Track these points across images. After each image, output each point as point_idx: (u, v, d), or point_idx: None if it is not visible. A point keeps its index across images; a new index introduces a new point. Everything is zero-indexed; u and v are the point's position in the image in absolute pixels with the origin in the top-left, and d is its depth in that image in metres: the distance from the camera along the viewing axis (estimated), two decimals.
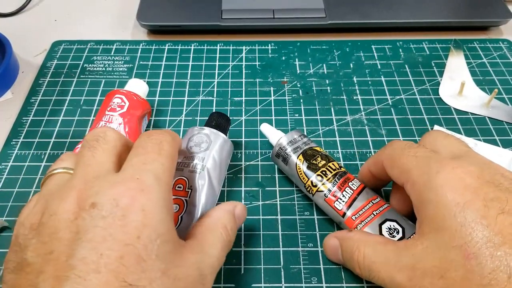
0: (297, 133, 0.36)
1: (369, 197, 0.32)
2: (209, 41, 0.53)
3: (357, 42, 0.53)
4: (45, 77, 0.48)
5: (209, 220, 0.28)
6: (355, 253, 0.29)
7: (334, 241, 0.31)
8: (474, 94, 0.46)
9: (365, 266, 0.28)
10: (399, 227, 0.30)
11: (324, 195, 0.33)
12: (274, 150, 0.35)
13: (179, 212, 0.32)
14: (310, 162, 0.34)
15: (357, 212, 0.31)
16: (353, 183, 0.33)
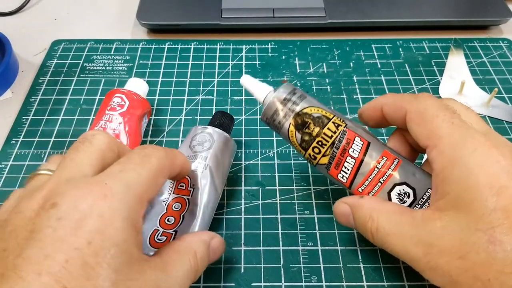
0: (284, 92, 0.30)
1: (373, 163, 0.29)
2: (209, 40, 0.53)
3: (357, 41, 0.53)
4: (45, 76, 0.48)
5: (180, 244, 0.26)
6: (368, 222, 0.27)
7: (345, 208, 0.29)
8: (474, 93, 0.46)
9: (379, 237, 0.27)
10: (409, 190, 0.28)
11: (325, 167, 0.30)
12: (262, 117, 0.31)
13: (181, 211, 0.32)
14: (303, 132, 0.30)
15: (362, 183, 0.29)
16: (353, 150, 0.29)
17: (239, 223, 0.36)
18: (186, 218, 0.32)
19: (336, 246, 0.34)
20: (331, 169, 0.30)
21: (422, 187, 0.28)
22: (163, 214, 0.32)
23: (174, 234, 0.31)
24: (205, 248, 0.27)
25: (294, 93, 0.30)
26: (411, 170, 0.29)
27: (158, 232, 0.31)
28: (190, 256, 0.25)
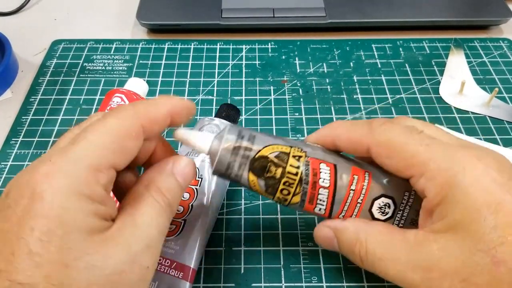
0: (232, 136, 0.26)
1: (347, 184, 0.27)
2: (209, 40, 0.53)
3: (357, 41, 0.53)
4: (44, 76, 0.48)
5: (139, 186, 0.24)
6: (355, 246, 0.26)
7: (327, 232, 0.27)
8: (475, 93, 0.46)
9: (369, 262, 0.25)
10: (388, 200, 0.27)
11: (299, 205, 0.27)
12: (215, 172, 0.27)
13: (189, 201, 0.33)
14: (265, 177, 0.26)
15: (342, 210, 0.27)
16: (323, 179, 0.26)
17: (239, 223, 0.36)
18: (194, 208, 0.33)
19: None
20: (306, 205, 0.27)
21: (399, 193, 0.27)
22: None
23: (183, 223, 0.32)
24: (168, 178, 0.24)
25: (242, 136, 0.26)
26: (383, 179, 0.27)
27: None
28: (154, 194, 0.23)
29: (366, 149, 0.26)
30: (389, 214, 0.27)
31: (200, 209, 0.33)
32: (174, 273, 0.30)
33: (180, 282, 0.30)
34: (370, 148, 0.26)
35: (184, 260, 0.31)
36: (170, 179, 0.24)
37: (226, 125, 0.27)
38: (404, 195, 0.27)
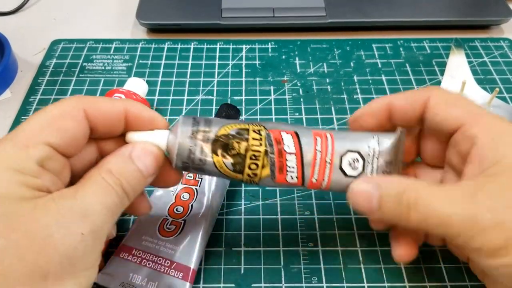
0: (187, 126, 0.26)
1: (311, 146, 0.27)
2: (209, 40, 0.52)
3: (358, 41, 0.52)
4: (44, 76, 0.48)
5: (93, 169, 0.24)
6: (403, 195, 0.24)
7: (368, 186, 0.26)
8: (475, 93, 0.46)
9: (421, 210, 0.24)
10: (355, 155, 0.27)
11: (270, 178, 0.27)
12: (177, 163, 0.26)
13: (189, 201, 0.33)
14: (231, 155, 0.26)
15: (313, 172, 0.27)
16: (287, 145, 0.27)
17: (239, 223, 0.35)
18: (194, 208, 0.33)
19: (337, 247, 0.34)
20: (277, 176, 0.27)
21: (363, 145, 0.27)
22: (172, 204, 0.34)
23: (183, 223, 0.32)
24: (123, 161, 0.24)
25: (197, 121, 0.26)
26: (344, 135, 0.28)
27: (167, 221, 0.33)
28: (104, 175, 0.23)
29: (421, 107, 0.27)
30: (360, 168, 0.27)
31: (200, 209, 0.33)
32: (174, 273, 0.30)
33: (180, 282, 0.30)
34: (431, 100, 0.27)
35: (184, 261, 0.31)
36: (125, 163, 0.24)
37: (179, 118, 0.27)
38: (368, 146, 0.27)
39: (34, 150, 0.22)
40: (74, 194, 0.22)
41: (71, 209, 0.21)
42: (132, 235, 0.32)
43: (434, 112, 0.27)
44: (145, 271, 0.30)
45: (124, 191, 0.24)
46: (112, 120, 0.25)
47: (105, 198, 0.23)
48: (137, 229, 0.33)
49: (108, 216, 0.23)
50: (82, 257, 0.21)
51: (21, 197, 0.21)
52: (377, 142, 0.28)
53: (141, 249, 0.31)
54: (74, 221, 0.21)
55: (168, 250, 0.31)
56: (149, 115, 0.26)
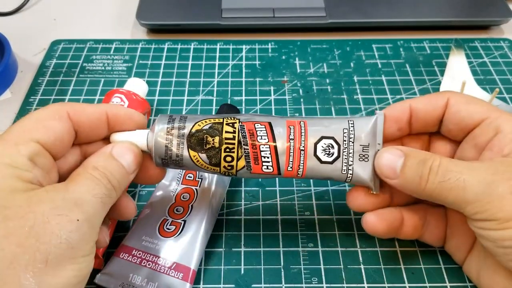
0: (162, 123, 0.28)
1: (284, 135, 0.28)
2: (209, 40, 0.52)
3: (358, 41, 0.52)
4: (44, 77, 0.48)
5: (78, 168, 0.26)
6: (428, 160, 0.26)
7: (395, 153, 0.27)
8: (475, 93, 0.46)
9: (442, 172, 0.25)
10: (329, 141, 0.28)
11: (246, 169, 0.28)
12: (157, 161, 0.28)
13: (189, 201, 0.34)
14: (206, 149, 0.27)
15: (288, 161, 0.27)
16: (261, 136, 0.27)
17: (239, 224, 0.35)
18: (194, 208, 0.33)
19: (337, 247, 0.34)
20: (253, 167, 0.28)
21: (338, 131, 0.28)
22: (172, 204, 0.34)
23: (183, 224, 0.32)
24: (105, 158, 0.26)
25: (173, 119, 0.28)
26: (318, 122, 0.28)
27: (167, 221, 0.33)
28: (90, 170, 0.25)
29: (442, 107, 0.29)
30: (335, 154, 0.28)
31: (200, 210, 0.33)
32: (174, 274, 0.30)
33: (180, 283, 0.30)
34: (451, 99, 0.29)
35: (184, 261, 0.31)
36: (108, 160, 0.26)
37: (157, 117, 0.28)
38: (343, 133, 0.28)
39: (24, 147, 0.23)
40: (66, 186, 0.23)
41: (64, 199, 0.22)
42: (132, 235, 0.32)
43: (456, 109, 0.28)
44: (145, 271, 0.30)
45: (111, 184, 0.25)
46: (94, 122, 0.27)
47: (94, 190, 0.24)
48: (137, 229, 0.33)
49: (99, 206, 0.24)
50: (79, 243, 0.22)
51: (15, 189, 0.22)
52: (353, 127, 0.28)
53: (141, 249, 0.31)
54: (68, 209, 0.22)
55: (168, 250, 0.31)
56: (125, 113, 0.28)
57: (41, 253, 0.21)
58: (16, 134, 0.24)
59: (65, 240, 0.21)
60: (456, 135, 0.29)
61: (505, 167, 0.24)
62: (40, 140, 0.24)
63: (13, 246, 0.21)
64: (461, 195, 0.24)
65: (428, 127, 0.30)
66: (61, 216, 0.22)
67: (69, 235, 0.22)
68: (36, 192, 0.22)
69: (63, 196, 0.23)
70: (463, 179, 0.24)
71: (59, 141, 0.25)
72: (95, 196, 0.24)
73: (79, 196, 0.23)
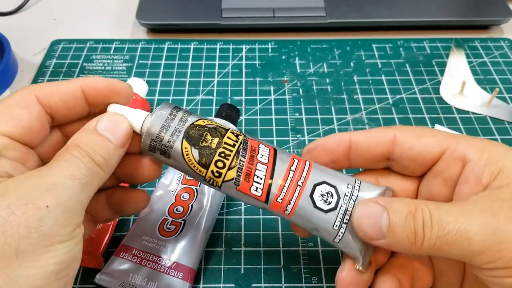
0: (166, 108, 0.26)
1: (286, 164, 0.25)
2: (209, 40, 0.52)
3: (358, 41, 0.52)
4: (44, 76, 0.48)
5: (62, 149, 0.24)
6: (416, 212, 0.22)
7: (376, 208, 0.23)
8: (475, 93, 0.46)
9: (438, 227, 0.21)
10: (330, 189, 0.25)
11: (234, 183, 0.25)
12: (145, 142, 0.25)
13: (189, 201, 0.34)
14: (201, 145, 0.25)
15: (281, 191, 0.24)
16: (261, 155, 0.25)
17: (239, 223, 0.35)
18: (194, 208, 0.33)
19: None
20: (241, 182, 0.25)
21: (342, 183, 0.25)
22: (172, 204, 0.34)
23: (183, 224, 0.32)
24: (87, 134, 0.24)
25: (179, 108, 0.26)
26: (325, 169, 0.26)
27: (167, 221, 0.33)
28: (70, 150, 0.23)
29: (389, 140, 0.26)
30: (332, 205, 0.24)
31: (200, 210, 0.33)
32: (174, 273, 0.30)
33: (180, 282, 0.30)
34: (397, 135, 0.26)
35: (184, 261, 0.31)
36: (90, 135, 0.24)
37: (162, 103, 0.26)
38: (347, 186, 0.25)
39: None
40: (38, 172, 0.22)
41: (34, 186, 0.21)
42: (132, 235, 0.32)
43: (409, 145, 0.26)
44: (145, 271, 0.30)
45: (94, 162, 0.23)
46: (69, 101, 0.25)
47: (71, 171, 0.22)
48: (137, 229, 0.33)
49: (77, 188, 0.22)
50: (52, 229, 0.21)
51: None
52: (358, 186, 0.25)
53: (141, 249, 0.31)
54: (37, 197, 0.21)
55: (168, 250, 0.31)
56: (103, 85, 0.26)
57: (9, 246, 0.20)
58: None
59: (34, 229, 0.20)
60: (414, 171, 0.27)
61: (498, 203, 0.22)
62: (6, 133, 0.23)
63: None
64: (466, 247, 0.21)
65: (374, 163, 0.27)
66: (28, 205, 0.20)
67: (38, 223, 0.20)
68: (3, 184, 0.21)
69: (34, 183, 0.21)
70: (465, 229, 0.21)
71: (28, 129, 0.24)
72: (72, 177, 0.22)
73: (51, 181, 0.21)
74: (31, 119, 0.24)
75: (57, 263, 0.21)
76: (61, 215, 0.21)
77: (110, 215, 0.29)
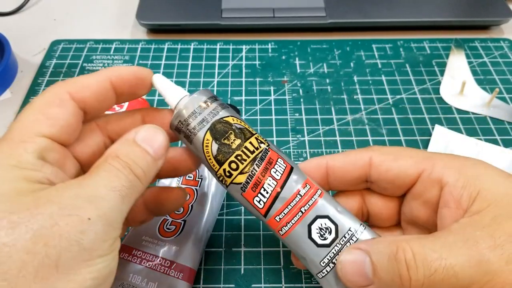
0: (204, 95, 0.26)
1: (296, 187, 0.25)
2: (209, 40, 0.52)
3: (358, 41, 0.52)
4: (44, 77, 0.48)
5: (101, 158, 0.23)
6: (398, 254, 0.21)
7: (358, 254, 0.23)
8: (475, 93, 0.46)
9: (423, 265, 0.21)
10: (331, 225, 0.24)
11: (241, 188, 0.25)
12: (173, 122, 0.26)
13: (189, 201, 0.33)
14: (221, 142, 0.25)
15: (282, 210, 0.25)
16: (276, 170, 0.25)
17: (239, 224, 0.35)
18: (194, 208, 0.33)
19: None
20: (247, 190, 0.25)
21: (344, 225, 0.25)
22: None
23: (183, 224, 0.32)
24: (127, 146, 0.24)
25: (216, 99, 0.26)
26: (334, 203, 0.25)
27: (167, 221, 0.33)
28: (110, 160, 0.23)
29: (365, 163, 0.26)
30: (327, 241, 0.24)
31: (200, 210, 0.33)
32: (174, 274, 0.30)
33: (180, 283, 0.30)
34: (374, 158, 0.26)
35: (184, 261, 0.31)
36: (130, 146, 0.24)
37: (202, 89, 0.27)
38: (347, 231, 0.24)
39: (30, 144, 0.22)
40: (80, 182, 0.22)
41: (76, 197, 0.21)
42: (132, 235, 0.32)
43: (386, 168, 0.25)
44: (145, 271, 0.30)
45: (134, 174, 0.23)
46: (100, 93, 0.25)
47: (112, 182, 0.22)
48: (137, 229, 0.33)
49: (118, 201, 0.22)
50: (93, 243, 0.20)
51: (22, 192, 0.20)
52: (361, 233, 0.25)
53: (141, 249, 0.31)
54: (79, 208, 0.20)
55: (168, 250, 0.31)
56: (129, 72, 0.26)
57: (50, 258, 0.19)
58: (20, 130, 0.22)
59: (75, 242, 0.20)
60: (394, 192, 0.27)
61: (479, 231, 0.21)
62: (46, 133, 0.22)
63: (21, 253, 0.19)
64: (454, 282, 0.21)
65: (353, 186, 0.27)
66: (71, 216, 0.20)
67: (80, 236, 0.20)
68: (46, 192, 0.21)
69: (76, 193, 0.21)
70: (450, 265, 0.20)
71: (66, 128, 0.23)
72: (113, 189, 0.21)
73: (93, 192, 0.21)
74: (67, 117, 0.23)
75: (95, 278, 0.20)
76: (102, 228, 0.21)
77: (146, 217, 0.29)
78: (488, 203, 0.22)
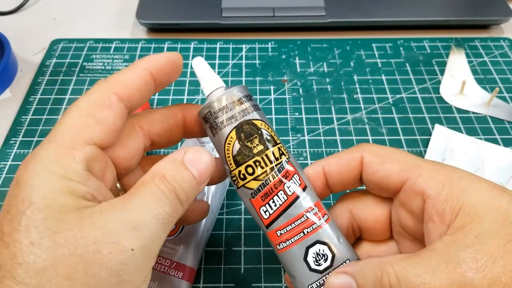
0: (240, 92, 0.26)
1: (305, 207, 0.25)
2: (209, 40, 0.52)
3: (358, 41, 0.52)
4: (44, 76, 0.48)
5: (145, 176, 0.22)
6: (383, 277, 0.21)
7: (344, 278, 0.23)
8: (475, 92, 0.46)
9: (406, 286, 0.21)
10: (328, 253, 0.24)
11: (251, 194, 0.25)
12: (202, 110, 0.26)
13: None
14: (244, 144, 0.25)
15: (285, 226, 0.25)
16: (289, 185, 0.25)
17: (239, 223, 0.35)
18: None
19: None
20: (257, 198, 0.25)
21: (341, 257, 0.25)
22: None
23: None
24: (175, 166, 0.22)
25: (250, 99, 0.26)
26: (337, 233, 0.25)
27: None
28: (157, 181, 0.21)
29: (357, 164, 0.25)
30: (321, 268, 0.24)
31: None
32: (174, 273, 0.30)
33: (180, 282, 0.30)
34: (365, 158, 0.25)
35: (184, 260, 0.31)
36: (178, 168, 0.22)
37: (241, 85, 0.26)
38: (345, 262, 0.25)
39: (79, 152, 0.21)
40: (123, 204, 0.20)
41: (120, 222, 0.20)
42: None
43: (373, 170, 0.25)
44: None
45: (178, 199, 0.22)
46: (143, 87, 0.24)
47: (157, 209, 0.21)
48: None
49: (159, 229, 0.21)
50: (131, 274, 0.20)
51: (66, 208, 0.19)
52: None
53: None
54: (123, 235, 0.19)
55: (168, 250, 0.31)
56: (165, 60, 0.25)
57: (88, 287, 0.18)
58: (69, 134, 0.21)
59: (115, 273, 0.19)
60: (382, 194, 0.26)
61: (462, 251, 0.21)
62: (96, 140, 0.21)
63: (60, 278, 0.18)
64: None
65: (353, 186, 0.27)
66: (114, 245, 0.19)
67: (120, 267, 0.19)
68: (90, 213, 0.20)
69: (119, 218, 0.20)
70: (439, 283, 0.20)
71: (114, 132, 0.22)
72: (156, 217, 0.20)
73: (136, 217, 0.20)
74: (116, 120, 0.22)
75: None
76: (142, 259, 0.20)
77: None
78: (471, 218, 0.21)
